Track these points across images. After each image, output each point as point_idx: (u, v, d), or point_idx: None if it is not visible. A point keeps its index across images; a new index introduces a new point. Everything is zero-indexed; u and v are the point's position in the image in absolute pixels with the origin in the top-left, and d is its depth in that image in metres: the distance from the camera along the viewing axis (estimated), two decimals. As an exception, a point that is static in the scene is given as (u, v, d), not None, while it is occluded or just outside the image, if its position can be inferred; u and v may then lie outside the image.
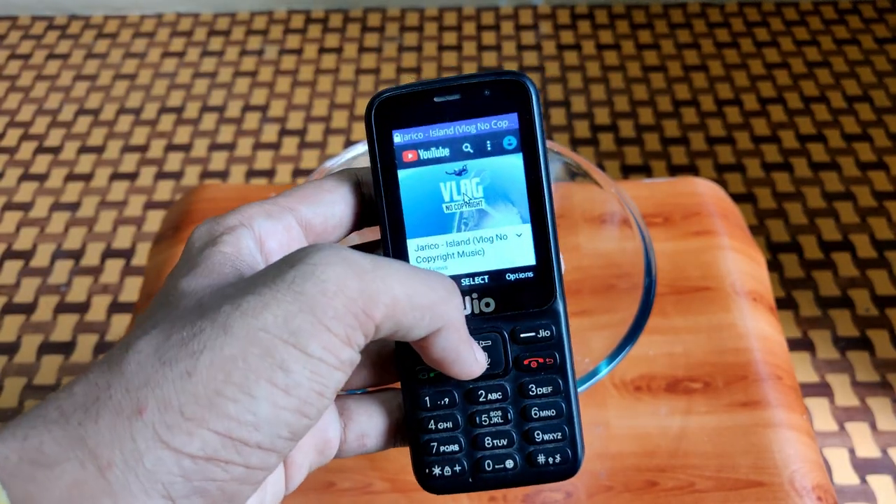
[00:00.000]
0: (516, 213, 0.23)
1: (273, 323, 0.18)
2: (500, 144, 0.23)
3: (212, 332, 0.18)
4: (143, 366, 0.18)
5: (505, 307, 0.23)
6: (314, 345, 0.18)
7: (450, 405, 0.23)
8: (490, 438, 0.23)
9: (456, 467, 0.23)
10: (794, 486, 0.42)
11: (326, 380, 0.19)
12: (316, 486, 0.43)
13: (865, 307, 1.20)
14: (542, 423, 0.23)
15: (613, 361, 0.37)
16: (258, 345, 0.18)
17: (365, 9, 1.81)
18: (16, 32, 1.77)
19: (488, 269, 0.23)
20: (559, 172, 0.48)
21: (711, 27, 1.73)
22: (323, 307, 0.18)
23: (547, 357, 0.23)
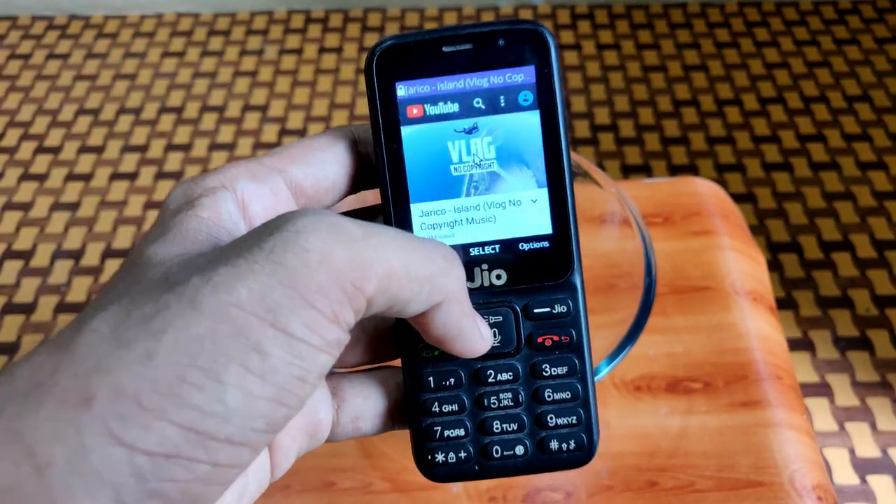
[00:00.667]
0: (532, 176, 0.21)
1: (248, 298, 0.15)
2: (515, 100, 0.21)
3: (178, 309, 0.15)
4: (95, 347, 0.15)
5: (518, 280, 0.21)
6: (295, 323, 0.16)
7: (455, 386, 0.21)
8: (499, 422, 0.21)
9: (461, 453, 0.22)
10: (794, 486, 0.42)
11: (309, 363, 0.16)
12: (316, 486, 0.43)
13: (865, 307, 1.20)
14: (556, 406, 0.21)
15: (614, 361, 0.37)
16: (230, 323, 0.15)
17: (365, 9, 1.81)
18: (16, 32, 1.77)
19: (500, 238, 0.21)
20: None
21: (711, 27, 1.73)
22: (305, 280, 0.16)
23: (563, 335, 0.21)
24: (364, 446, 0.45)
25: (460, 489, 0.43)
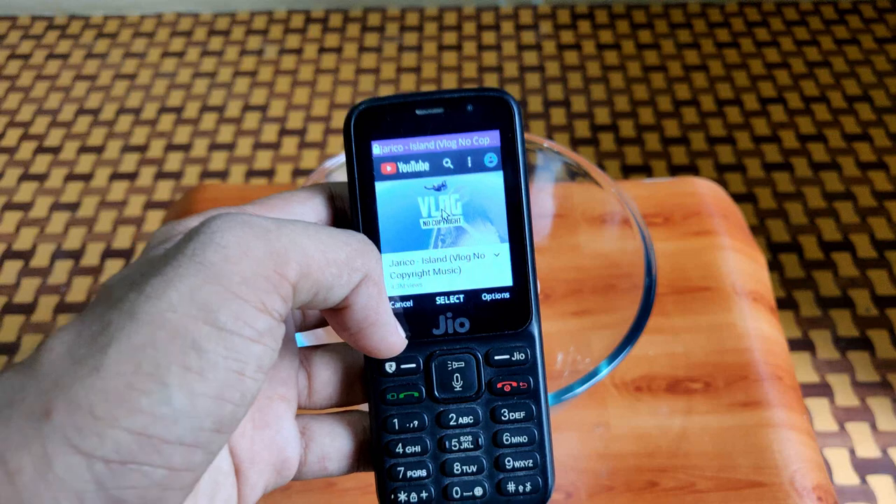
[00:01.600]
0: (495, 232, 0.23)
1: (178, 300, 0.16)
2: (481, 161, 0.23)
3: (119, 323, 0.16)
4: (54, 365, 0.16)
5: (480, 328, 0.22)
6: (225, 316, 0.17)
7: (419, 428, 0.22)
8: (459, 464, 0.22)
9: (423, 493, 0.22)
10: (794, 487, 0.42)
11: (244, 355, 0.17)
12: (316, 486, 0.43)
13: (866, 307, 1.20)
14: (513, 449, 0.22)
15: (614, 361, 0.37)
16: (167, 327, 0.16)
17: (365, 8, 1.81)
18: (16, 32, 1.77)
19: (464, 289, 0.22)
20: (559, 172, 0.48)
21: (712, 27, 1.73)
22: (228, 274, 0.17)
23: (521, 381, 0.22)
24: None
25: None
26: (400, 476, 0.22)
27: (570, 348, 0.47)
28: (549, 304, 0.50)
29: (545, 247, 0.53)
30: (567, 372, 0.45)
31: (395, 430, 0.22)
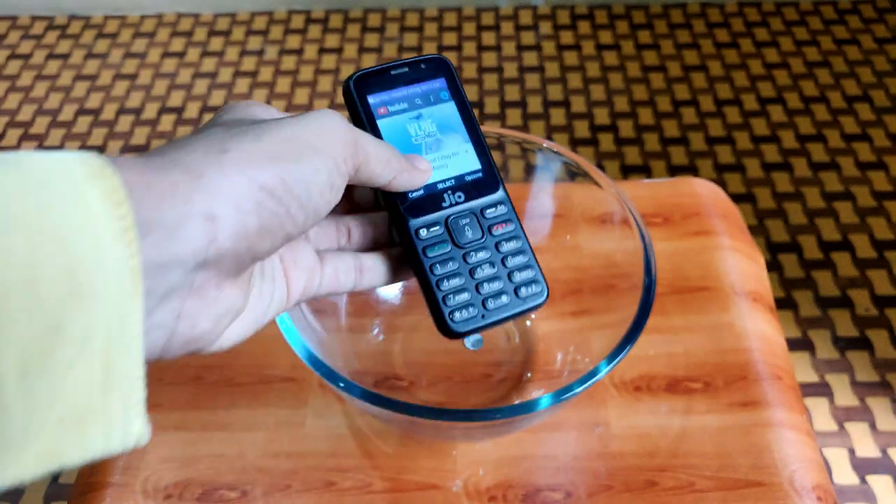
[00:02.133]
0: (460, 138, 0.34)
1: (303, 133, 0.25)
2: (439, 96, 0.34)
3: (270, 128, 0.25)
4: (218, 132, 0.24)
5: (470, 197, 0.33)
6: (328, 153, 0.26)
7: (454, 267, 0.32)
8: (487, 284, 0.32)
9: (470, 308, 0.31)
10: (793, 486, 0.42)
11: (333, 176, 0.26)
12: (316, 486, 0.43)
13: (865, 307, 1.21)
14: (517, 265, 0.33)
15: (613, 361, 0.37)
16: (296, 142, 0.25)
17: (365, 9, 1.81)
18: (16, 32, 1.77)
19: (453, 175, 0.33)
20: (559, 172, 0.48)
21: (711, 27, 1.73)
22: (329, 132, 0.26)
23: (507, 222, 0.33)
24: (364, 446, 0.45)
25: (460, 490, 0.43)
26: (451, 302, 0.31)
27: (569, 348, 0.47)
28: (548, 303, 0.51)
29: (545, 247, 0.53)
30: (566, 372, 0.45)
31: (439, 272, 0.31)
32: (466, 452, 0.45)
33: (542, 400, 0.36)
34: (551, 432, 0.45)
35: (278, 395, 0.47)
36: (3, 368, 0.17)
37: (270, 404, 0.47)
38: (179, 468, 0.44)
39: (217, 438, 0.46)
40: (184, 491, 0.43)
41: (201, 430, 0.46)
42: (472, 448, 0.45)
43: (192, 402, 0.47)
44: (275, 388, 0.48)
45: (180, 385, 0.48)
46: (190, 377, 0.49)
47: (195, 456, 0.45)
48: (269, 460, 0.45)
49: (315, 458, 0.45)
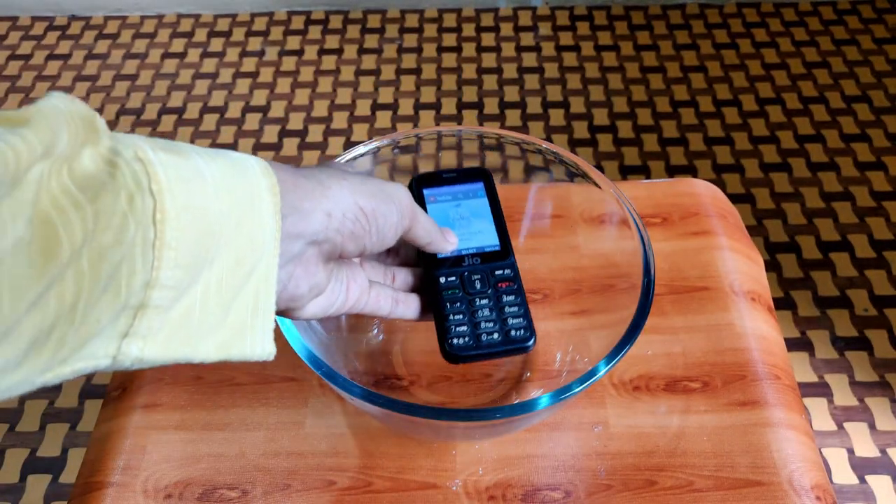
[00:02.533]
0: (486, 223, 0.44)
1: (392, 189, 0.36)
2: (476, 194, 0.46)
3: (371, 178, 0.35)
4: (337, 169, 0.34)
5: (485, 262, 0.43)
6: (399, 207, 0.35)
7: (461, 307, 0.41)
8: (484, 323, 0.40)
9: (466, 338, 0.40)
10: (792, 486, 0.43)
11: (398, 223, 0.35)
12: (316, 486, 0.44)
13: (864, 307, 1.21)
14: (511, 313, 0.41)
15: (612, 361, 0.38)
16: (385, 191, 0.35)
17: (365, 10, 1.81)
18: (16, 33, 1.77)
19: (475, 246, 0.43)
20: (558, 173, 0.49)
21: (710, 28, 1.73)
22: (404, 207, 0.36)
23: (510, 282, 0.42)
24: (364, 446, 0.45)
25: (460, 489, 0.43)
26: (453, 332, 0.40)
27: (568, 348, 0.47)
28: (547, 303, 0.51)
29: (544, 247, 0.53)
30: (566, 371, 0.46)
31: (448, 309, 0.41)
32: (466, 452, 0.45)
33: (542, 400, 0.36)
34: (550, 432, 0.46)
35: (278, 395, 0.48)
36: (212, 280, 0.26)
37: (270, 404, 0.47)
38: (179, 468, 0.44)
39: (217, 438, 0.46)
40: (184, 490, 0.44)
41: (201, 430, 0.46)
42: (472, 447, 0.45)
43: (193, 401, 0.48)
44: (275, 388, 0.48)
45: (180, 385, 0.48)
46: (190, 377, 0.49)
47: (195, 455, 0.45)
48: (269, 460, 0.45)
49: (315, 457, 0.45)
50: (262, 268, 0.28)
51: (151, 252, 0.24)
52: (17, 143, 0.21)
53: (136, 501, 0.43)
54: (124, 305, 0.24)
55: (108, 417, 0.48)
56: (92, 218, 0.22)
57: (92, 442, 0.47)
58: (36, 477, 1.05)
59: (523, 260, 0.52)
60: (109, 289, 0.23)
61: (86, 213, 0.22)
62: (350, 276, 0.37)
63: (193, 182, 0.25)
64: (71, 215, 0.22)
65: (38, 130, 0.22)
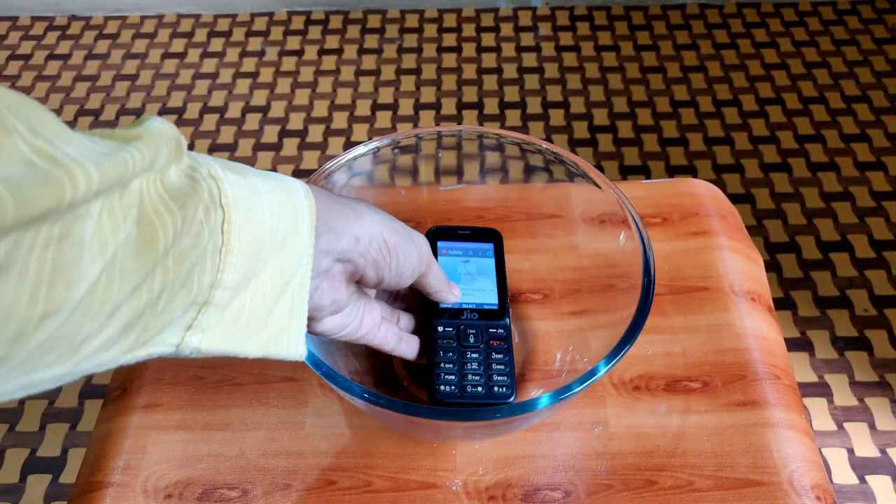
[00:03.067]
0: (489, 282, 0.47)
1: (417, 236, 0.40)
2: (485, 254, 0.49)
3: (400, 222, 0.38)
4: (371, 206, 0.37)
5: (482, 318, 0.46)
6: (419, 251, 0.39)
7: (452, 357, 0.44)
8: (471, 375, 0.43)
9: (452, 387, 0.43)
10: (792, 486, 0.43)
11: (415, 265, 0.39)
12: (316, 486, 0.44)
13: (864, 307, 1.21)
14: (496, 370, 0.43)
15: (612, 361, 0.38)
16: (410, 236, 0.39)
17: (365, 10, 1.81)
18: (16, 33, 1.77)
19: (475, 302, 0.46)
20: (558, 173, 0.49)
21: (710, 28, 1.73)
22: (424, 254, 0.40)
23: (502, 340, 0.45)
24: (364, 446, 0.45)
25: (460, 489, 0.43)
26: (440, 379, 0.43)
27: (568, 348, 0.47)
28: (547, 303, 0.51)
29: (544, 247, 0.53)
30: (566, 371, 0.46)
31: (440, 357, 0.44)
32: (466, 452, 0.45)
33: (542, 399, 0.36)
34: (550, 432, 0.46)
35: (278, 395, 0.48)
36: (259, 285, 0.30)
37: (270, 404, 0.47)
38: (179, 468, 0.44)
39: (217, 438, 0.46)
40: (184, 490, 0.44)
41: (201, 430, 0.46)
42: (472, 447, 0.45)
43: (193, 401, 0.48)
44: (275, 388, 0.48)
45: (180, 385, 0.48)
46: (190, 377, 0.49)
47: (195, 455, 0.45)
48: (270, 460, 0.45)
49: (315, 457, 0.45)
50: (298, 278, 0.32)
51: (218, 256, 0.28)
52: (134, 154, 0.24)
53: (136, 501, 0.43)
54: (193, 301, 0.27)
55: (109, 417, 0.48)
56: (180, 223, 0.26)
57: (92, 442, 0.47)
58: (36, 477, 1.05)
59: (523, 260, 0.52)
60: (185, 285, 0.27)
61: (176, 219, 0.26)
62: (367, 308, 0.40)
63: (253, 199, 0.29)
64: (166, 219, 0.25)
65: (148, 147, 0.25)
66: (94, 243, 0.23)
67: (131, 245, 0.24)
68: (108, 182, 0.23)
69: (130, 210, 0.24)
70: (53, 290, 0.21)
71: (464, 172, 0.53)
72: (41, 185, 0.20)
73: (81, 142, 0.23)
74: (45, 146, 0.21)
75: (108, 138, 0.25)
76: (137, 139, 0.25)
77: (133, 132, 0.26)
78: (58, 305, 0.22)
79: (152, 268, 0.25)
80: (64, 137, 0.22)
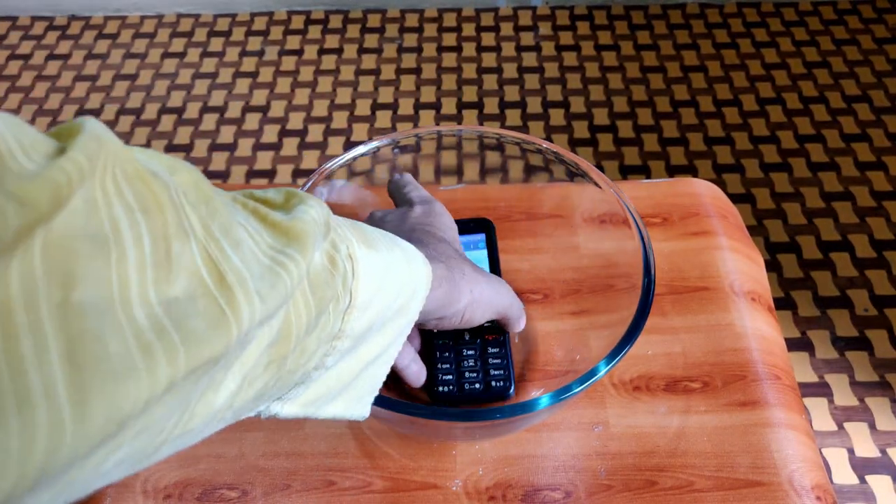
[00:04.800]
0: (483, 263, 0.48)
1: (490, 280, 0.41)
2: (476, 245, 0.49)
3: (473, 268, 0.40)
4: (465, 264, 0.39)
5: (483, 333, 0.45)
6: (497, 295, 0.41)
7: (451, 358, 0.44)
8: (468, 373, 0.44)
9: (451, 386, 0.43)
10: (792, 486, 0.43)
11: (491, 307, 0.40)
12: (316, 486, 0.44)
13: (864, 307, 1.21)
14: (493, 364, 0.44)
15: (612, 361, 0.38)
16: (493, 285, 0.40)
17: (365, 10, 1.81)
18: (16, 33, 1.77)
19: None
20: (558, 173, 0.49)
21: (710, 28, 1.73)
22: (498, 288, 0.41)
23: (497, 335, 0.45)
24: (364, 446, 0.45)
25: (460, 489, 0.43)
26: (439, 379, 0.43)
27: (568, 348, 0.47)
28: (547, 304, 0.51)
29: (544, 247, 0.53)
30: (566, 371, 0.45)
31: (438, 358, 0.44)
32: (466, 452, 0.45)
33: (542, 400, 0.36)
34: (551, 432, 0.45)
35: (278, 395, 0.48)
36: (354, 359, 0.30)
37: (270, 404, 0.47)
38: (179, 468, 0.44)
39: (217, 438, 0.46)
40: (184, 491, 0.43)
41: (201, 430, 0.46)
42: (472, 447, 0.45)
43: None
44: (275, 388, 0.48)
45: (180, 385, 0.48)
46: (190, 377, 0.49)
47: (195, 456, 0.45)
48: (269, 460, 0.45)
49: (315, 458, 0.45)
50: (392, 350, 0.33)
51: (330, 343, 0.28)
52: (292, 272, 0.24)
53: (135, 501, 0.43)
54: (294, 384, 0.28)
55: (108, 417, 0.48)
56: (314, 317, 0.26)
57: (91, 442, 0.47)
58: (36, 477, 1.05)
59: (523, 260, 0.52)
60: (296, 374, 0.26)
61: (311, 312, 0.25)
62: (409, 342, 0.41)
63: (380, 281, 0.29)
64: (301, 314, 0.25)
65: (304, 253, 0.25)
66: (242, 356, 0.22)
67: (272, 348, 0.24)
68: (268, 314, 0.22)
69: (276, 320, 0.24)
70: (199, 407, 0.21)
71: (464, 172, 0.53)
72: (212, 330, 0.20)
73: (243, 242, 0.22)
74: (217, 253, 0.21)
75: (262, 221, 0.24)
76: (296, 241, 0.24)
77: (290, 223, 0.25)
78: (195, 426, 0.21)
79: (280, 365, 0.25)
80: (230, 234, 0.21)
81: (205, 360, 0.19)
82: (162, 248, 0.19)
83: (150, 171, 0.20)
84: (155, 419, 0.19)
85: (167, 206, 0.19)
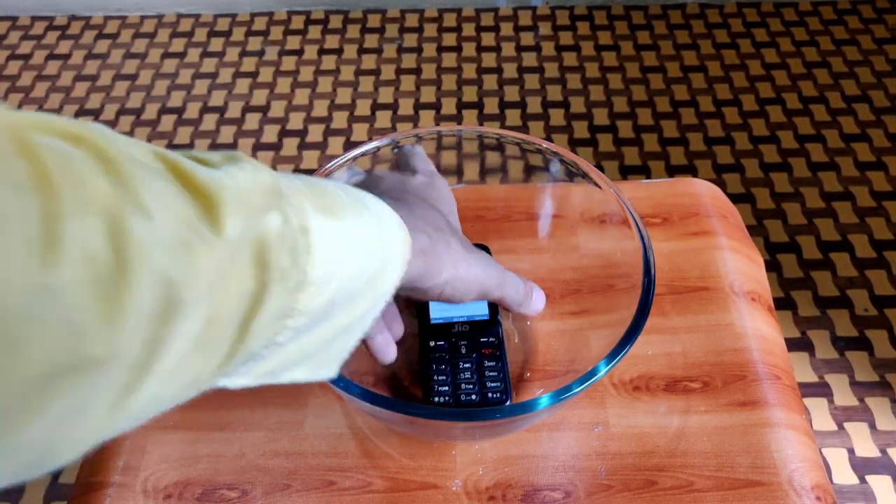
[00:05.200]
0: (483, 304, 0.47)
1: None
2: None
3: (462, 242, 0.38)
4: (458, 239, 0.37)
5: (473, 329, 0.47)
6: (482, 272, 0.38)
7: (446, 368, 0.45)
8: (464, 384, 0.44)
9: (447, 397, 0.43)
10: (792, 486, 0.43)
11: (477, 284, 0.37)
12: (316, 486, 0.44)
13: (864, 307, 1.21)
14: (489, 376, 0.44)
15: (612, 361, 0.38)
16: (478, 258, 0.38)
17: (365, 10, 1.81)
18: (16, 33, 1.77)
19: (468, 314, 0.47)
20: (558, 173, 0.49)
21: (710, 28, 1.73)
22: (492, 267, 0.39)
23: (494, 349, 0.46)
24: (364, 446, 0.45)
25: (460, 489, 0.43)
26: (435, 389, 0.43)
27: (568, 348, 0.47)
28: (547, 304, 0.51)
29: (544, 247, 0.53)
30: (566, 372, 0.45)
31: (433, 369, 0.44)
32: (466, 452, 0.45)
33: (542, 400, 0.36)
34: (551, 432, 0.46)
35: (278, 395, 0.48)
36: (322, 330, 0.28)
37: (270, 404, 0.47)
38: (179, 468, 0.44)
39: (217, 438, 0.46)
40: (184, 491, 0.44)
41: (201, 430, 0.46)
42: (472, 447, 0.45)
43: (192, 401, 0.47)
44: (274, 388, 0.48)
45: (180, 385, 0.48)
46: (190, 377, 0.49)
47: (195, 456, 0.45)
48: (269, 460, 0.45)
49: (315, 457, 0.45)
50: (366, 322, 0.31)
51: (281, 322, 0.26)
52: (209, 242, 0.22)
53: (135, 501, 0.43)
54: (243, 361, 0.27)
55: (108, 417, 0.48)
56: (251, 295, 0.24)
57: (92, 442, 0.47)
58: (36, 477, 1.05)
59: (523, 260, 0.52)
60: (238, 354, 0.26)
61: (245, 292, 0.24)
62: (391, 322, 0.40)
63: (340, 251, 0.27)
64: (232, 291, 0.24)
65: (220, 228, 0.23)
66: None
67: (197, 336, 0.24)
68: (180, 301, 0.21)
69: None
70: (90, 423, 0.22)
71: (464, 172, 0.53)
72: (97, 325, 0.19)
73: (154, 215, 0.20)
74: (119, 230, 0.19)
75: (185, 185, 0.22)
76: (213, 211, 0.22)
77: (214, 189, 0.22)
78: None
79: (211, 351, 0.25)
80: (140, 207, 0.19)
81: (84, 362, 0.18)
82: (49, 228, 0.17)
83: (44, 144, 0.18)
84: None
85: (59, 181, 0.17)
